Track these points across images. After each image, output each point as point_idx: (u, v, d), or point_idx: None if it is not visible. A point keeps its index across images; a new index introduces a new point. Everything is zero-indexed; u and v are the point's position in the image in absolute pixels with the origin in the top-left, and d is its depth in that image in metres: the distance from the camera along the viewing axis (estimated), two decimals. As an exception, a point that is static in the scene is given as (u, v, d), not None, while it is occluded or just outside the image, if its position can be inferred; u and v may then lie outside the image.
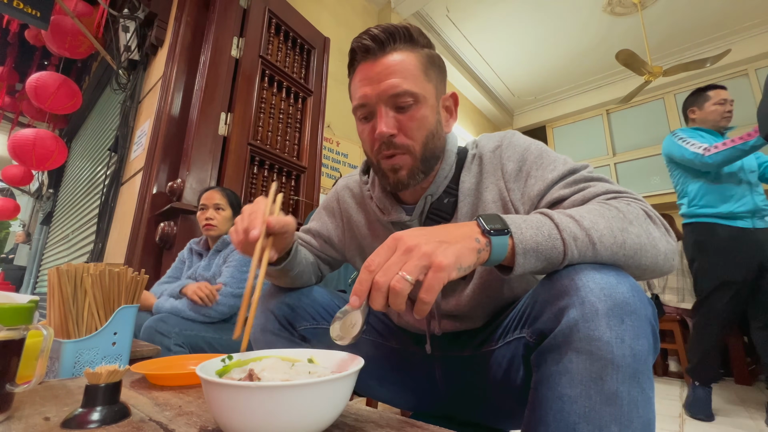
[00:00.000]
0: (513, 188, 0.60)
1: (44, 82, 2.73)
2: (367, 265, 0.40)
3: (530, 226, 0.43)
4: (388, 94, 0.57)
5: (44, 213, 4.73)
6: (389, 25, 0.59)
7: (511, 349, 0.56)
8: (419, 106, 0.58)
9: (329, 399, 0.35)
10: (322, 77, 2.54)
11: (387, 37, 0.58)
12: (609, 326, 0.38)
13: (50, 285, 0.68)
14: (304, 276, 0.72)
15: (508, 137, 0.64)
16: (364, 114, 0.61)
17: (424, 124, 0.59)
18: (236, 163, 1.93)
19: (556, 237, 0.42)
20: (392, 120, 0.58)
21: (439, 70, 0.63)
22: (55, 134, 3.15)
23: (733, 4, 3.64)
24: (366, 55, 0.60)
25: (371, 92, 0.58)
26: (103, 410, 0.42)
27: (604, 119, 5.00)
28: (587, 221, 0.43)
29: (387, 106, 0.58)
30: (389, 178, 0.61)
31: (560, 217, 0.44)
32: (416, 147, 0.59)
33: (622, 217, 0.45)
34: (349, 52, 0.63)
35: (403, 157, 0.59)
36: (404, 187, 0.61)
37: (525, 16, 3.83)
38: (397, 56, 0.58)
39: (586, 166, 0.56)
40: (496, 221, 0.43)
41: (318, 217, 0.81)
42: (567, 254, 0.42)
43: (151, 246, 1.82)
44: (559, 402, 0.39)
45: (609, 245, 0.43)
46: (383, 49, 0.59)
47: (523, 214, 0.50)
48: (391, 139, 0.58)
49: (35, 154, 2.89)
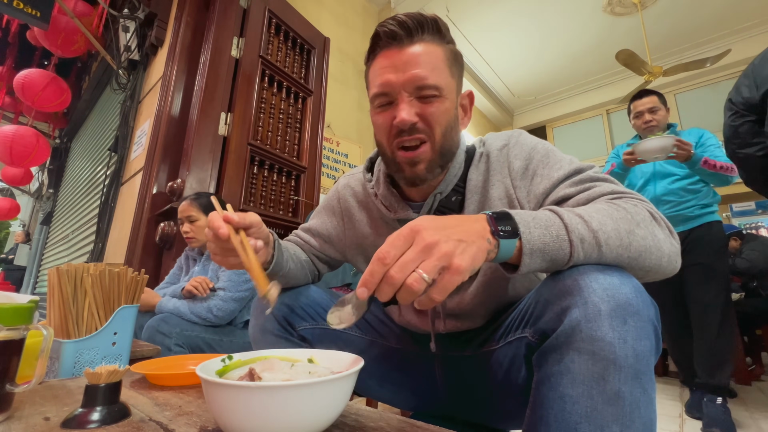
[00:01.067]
0: (519, 186, 0.60)
1: (31, 79, 2.73)
2: (381, 256, 0.38)
3: (539, 225, 0.42)
4: (414, 84, 0.56)
5: (44, 213, 4.72)
6: (418, 14, 0.58)
7: (513, 349, 0.55)
8: (442, 99, 0.57)
9: (329, 399, 0.35)
10: (322, 77, 2.54)
11: (416, 25, 0.57)
12: (612, 327, 0.38)
13: (50, 285, 0.68)
14: (298, 275, 0.71)
15: (515, 136, 0.64)
16: (384, 102, 0.59)
17: (445, 117, 0.58)
18: (236, 163, 1.93)
19: (564, 238, 0.42)
20: (414, 108, 0.57)
21: (460, 68, 0.63)
22: (37, 131, 3.12)
23: (733, 4, 3.64)
24: (391, 42, 0.57)
25: (395, 80, 0.56)
26: (103, 410, 0.42)
27: (604, 119, 5.00)
28: (596, 222, 0.43)
29: (411, 95, 0.57)
30: (405, 171, 0.59)
31: (569, 217, 0.43)
32: (436, 137, 0.58)
33: (629, 218, 0.45)
34: (372, 37, 0.60)
35: (424, 147, 0.58)
36: (421, 181, 0.60)
37: (525, 16, 3.83)
38: (425, 47, 0.57)
39: (592, 167, 0.57)
40: (508, 222, 0.42)
41: (318, 215, 0.80)
42: (573, 256, 0.42)
43: (151, 246, 1.82)
44: (561, 402, 0.39)
45: (615, 247, 0.43)
46: (411, 38, 0.57)
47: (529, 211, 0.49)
48: (413, 126, 0.57)
49: (13, 150, 2.86)
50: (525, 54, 4.40)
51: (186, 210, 1.46)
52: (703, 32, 4.02)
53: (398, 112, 0.56)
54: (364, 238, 0.73)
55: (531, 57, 4.46)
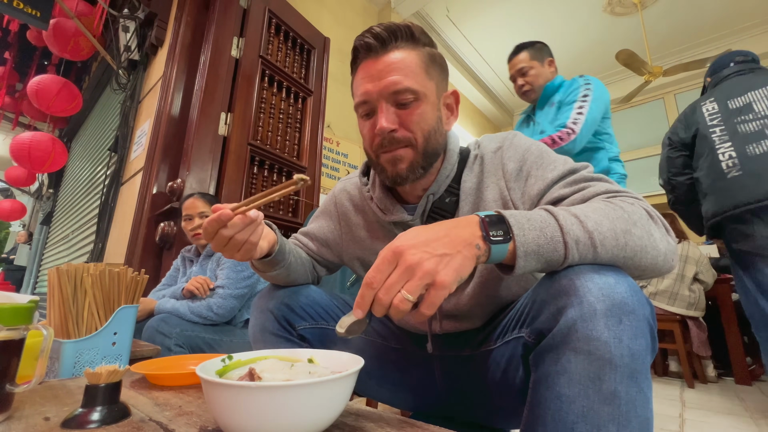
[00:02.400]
0: (514, 188, 0.60)
1: (46, 85, 2.74)
2: (368, 282, 0.41)
3: (533, 227, 0.42)
4: (389, 90, 0.58)
5: (44, 213, 4.73)
6: (391, 24, 0.60)
7: (510, 349, 0.56)
8: (420, 102, 0.59)
9: (329, 399, 0.35)
10: (322, 77, 2.54)
11: (389, 35, 0.59)
12: (607, 326, 0.38)
13: (50, 285, 0.68)
14: (299, 271, 0.72)
15: (510, 138, 0.64)
16: (365, 111, 0.61)
17: (424, 119, 0.59)
18: (236, 163, 1.93)
19: (559, 240, 0.42)
20: (393, 116, 0.59)
21: (440, 69, 0.64)
22: (53, 136, 3.15)
23: (733, 4, 3.64)
24: (368, 53, 0.60)
25: (373, 89, 0.59)
26: (103, 410, 0.42)
27: (604, 119, 4.99)
28: (591, 222, 0.43)
29: (388, 102, 0.59)
30: (387, 171, 0.61)
31: (565, 218, 0.43)
32: (418, 140, 0.59)
33: (626, 217, 0.45)
34: (352, 50, 0.63)
35: (404, 149, 0.59)
36: (403, 180, 0.61)
37: (525, 15, 3.83)
38: (399, 54, 0.59)
39: (586, 166, 0.57)
40: (500, 225, 0.43)
41: (316, 220, 0.81)
42: (568, 257, 0.42)
43: (151, 246, 1.82)
44: (558, 402, 0.39)
45: (611, 248, 0.43)
46: (385, 47, 0.59)
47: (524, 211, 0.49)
48: (392, 135, 0.59)
49: (31, 156, 2.90)
50: (525, 54, 4.40)
51: (196, 206, 1.47)
52: (703, 32, 4.02)
53: (378, 119, 0.58)
54: (360, 241, 0.74)
55: (531, 57, 4.45)
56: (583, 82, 1.46)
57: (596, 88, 1.44)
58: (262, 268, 0.66)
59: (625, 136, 4.79)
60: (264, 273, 0.69)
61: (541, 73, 1.50)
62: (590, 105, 1.39)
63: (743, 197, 1.41)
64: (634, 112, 4.76)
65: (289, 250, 0.68)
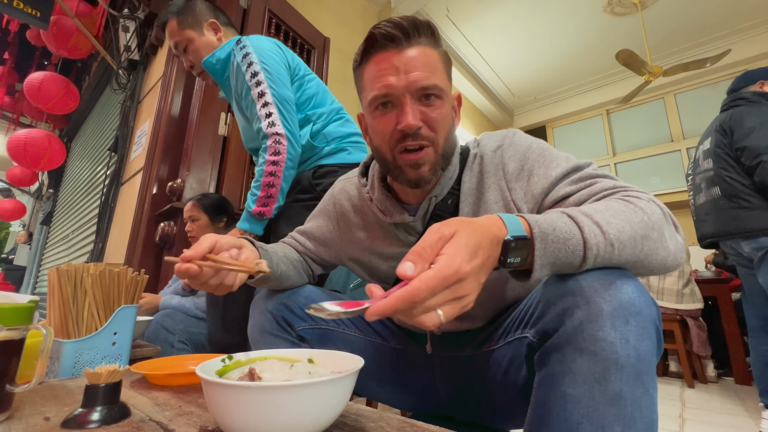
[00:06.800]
0: (515, 188, 0.59)
1: (47, 84, 2.74)
2: (412, 297, 0.33)
3: (557, 239, 0.41)
4: (418, 85, 0.55)
5: (44, 213, 4.73)
6: (412, 17, 0.57)
7: (512, 349, 0.55)
8: (443, 101, 0.58)
9: (329, 399, 0.35)
10: (322, 77, 2.54)
11: (412, 28, 0.56)
12: (614, 327, 0.38)
13: (50, 285, 0.68)
14: (292, 277, 0.71)
15: (510, 136, 0.63)
16: (385, 105, 0.58)
17: (446, 119, 0.58)
18: (236, 163, 1.93)
19: (579, 253, 0.41)
20: (419, 113, 0.56)
21: (450, 71, 0.63)
22: (50, 133, 3.14)
23: (733, 4, 3.64)
24: (388, 44, 0.56)
25: (397, 83, 0.55)
26: (103, 410, 0.42)
27: (604, 119, 4.99)
28: (614, 230, 0.42)
29: (414, 98, 0.56)
30: (408, 174, 0.58)
31: (590, 229, 0.41)
32: (439, 140, 0.58)
33: (646, 220, 0.44)
34: (366, 39, 0.58)
35: (427, 150, 0.57)
36: (425, 183, 0.59)
37: (525, 16, 3.83)
38: (422, 50, 0.57)
39: (590, 163, 0.56)
40: (522, 249, 0.40)
41: (314, 219, 0.80)
42: (582, 267, 0.42)
43: (151, 246, 1.82)
44: (562, 401, 0.39)
45: (627, 255, 0.43)
46: (408, 40, 0.56)
47: (548, 214, 0.45)
48: (418, 131, 0.56)
49: (28, 153, 2.90)
50: (525, 54, 4.40)
51: (188, 211, 1.48)
52: (703, 32, 4.02)
53: (404, 116, 0.55)
54: (359, 242, 0.73)
55: (531, 57, 4.45)
56: (240, 54, 1.08)
57: (255, 50, 1.08)
58: (252, 285, 0.66)
59: (625, 136, 4.79)
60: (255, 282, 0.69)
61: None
62: (267, 82, 1.04)
63: (702, 233, 1.81)
64: (634, 112, 4.76)
65: (276, 262, 0.66)
